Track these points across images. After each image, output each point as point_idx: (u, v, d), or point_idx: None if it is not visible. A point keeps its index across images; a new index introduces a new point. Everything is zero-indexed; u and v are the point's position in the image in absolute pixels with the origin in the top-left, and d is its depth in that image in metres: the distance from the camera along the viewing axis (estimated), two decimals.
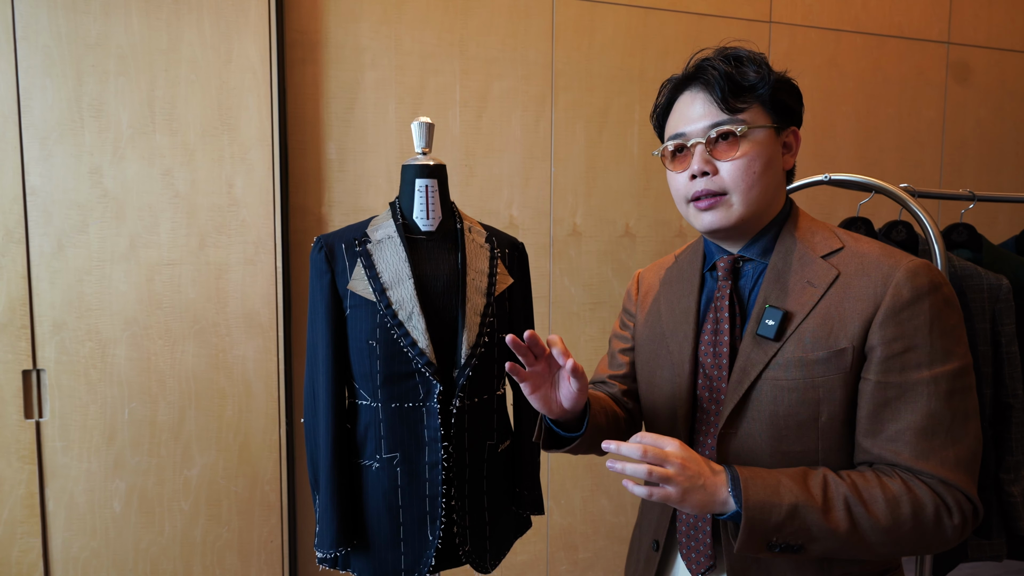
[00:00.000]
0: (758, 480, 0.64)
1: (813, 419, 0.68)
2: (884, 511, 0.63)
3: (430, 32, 1.82)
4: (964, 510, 0.63)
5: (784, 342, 0.70)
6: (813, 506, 0.63)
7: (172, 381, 1.60)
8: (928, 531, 0.63)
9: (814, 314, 0.69)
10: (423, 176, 0.97)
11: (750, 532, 0.63)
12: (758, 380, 0.70)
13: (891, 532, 0.63)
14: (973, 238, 1.40)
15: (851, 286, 0.69)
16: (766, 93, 0.72)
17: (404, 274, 0.92)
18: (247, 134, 1.61)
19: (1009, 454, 1.25)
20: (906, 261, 0.67)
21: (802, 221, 0.77)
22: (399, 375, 0.92)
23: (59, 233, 1.51)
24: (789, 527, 0.63)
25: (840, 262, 0.71)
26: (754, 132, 0.72)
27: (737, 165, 0.72)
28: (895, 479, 0.64)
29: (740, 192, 0.72)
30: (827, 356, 0.68)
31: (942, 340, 0.65)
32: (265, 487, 1.67)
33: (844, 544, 0.63)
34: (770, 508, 0.62)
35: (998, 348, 1.25)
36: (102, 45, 1.51)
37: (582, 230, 1.99)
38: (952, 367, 0.65)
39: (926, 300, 0.65)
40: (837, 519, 0.63)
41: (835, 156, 2.22)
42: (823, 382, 0.68)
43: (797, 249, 0.73)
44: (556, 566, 2.05)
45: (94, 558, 1.57)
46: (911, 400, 0.65)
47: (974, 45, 2.33)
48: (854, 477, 0.65)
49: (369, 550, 0.96)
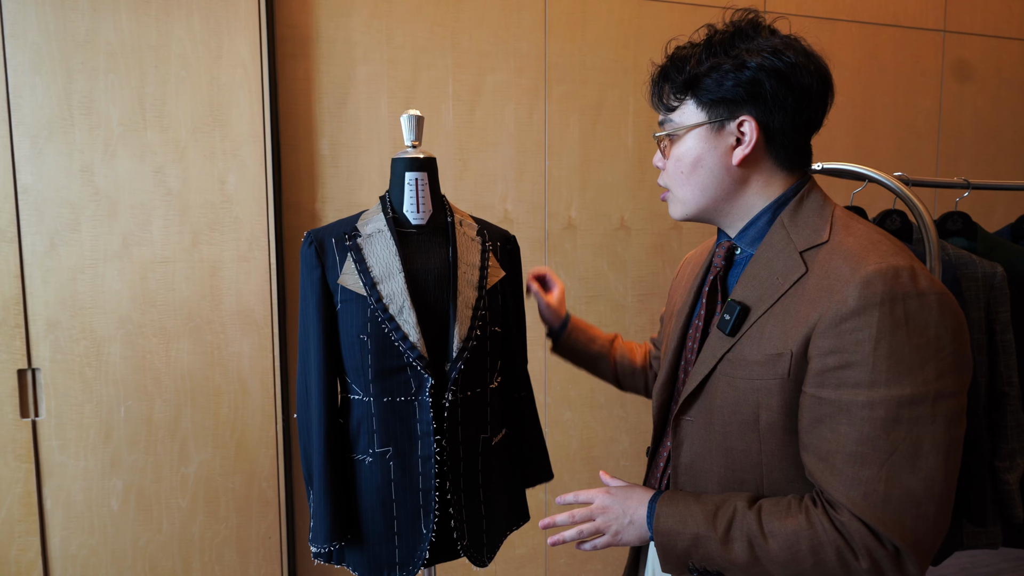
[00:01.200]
0: (671, 507, 0.67)
1: (754, 421, 0.65)
2: (781, 547, 0.60)
3: (422, 26, 1.81)
4: (876, 556, 0.57)
5: (739, 338, 0.67)
6: (713, 537, 0.63)
7: (167, 379, 1.60)
8: (832, 572, 0.59)
9: (771, 312, 0.65)
10: (413, 169, 0.97)
11: (663, 555, 0.67)
12: (712, 373, 0.69)
13: (791, 568, 0.60)
14: (968, 226, 1.40)
15: (809, 287, 0.62)
16: (696, 89, 0.68)
17: (395, 268, 0.92)
18: (239, 130, 1.60)
19: (1004, 442, 1.25)
20: (873, 265, 0.59)
21: (803, 209, 0.69)
22: (391, 369, 0.91)
23: (51, 232, 1.50)
24: (695, 554, 0.65)
25: (814, 258, 0.64)
26: (680, 132, 0.70)
27: (669, 164, 0.73)
28: (801, 514, 0.61)
29: (675, 189, 0.74)
30: (765, 359, 0.64)
31: (889, 360, 0.56)
32: (262, 483, 1.68)
33: (749, 572, 0.63)
34: (675, 536, 0.65)
35: (992, 336, 1.25)
36: (91, 42, 1.50)
37: (577, 224, 1.99)
38: (900, 393, 0.56)
39: (875, 312, 0.56)
40: (736, 551, 0.62)
41: (831, 146, 2.21)
42: (761, 385, 0.64)
43: (781, 241, 0.67)
44: (555, 559, 2.06)
45: (93, 556, 1.58)
46: (845, 421, 0.58)
47: (970, 33, 2.31)
48: (764, 507, 0.63)
49: (363, 544, 0.96)
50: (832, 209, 0.69)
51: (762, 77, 0.66)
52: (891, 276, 0.58)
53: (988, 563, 2.26)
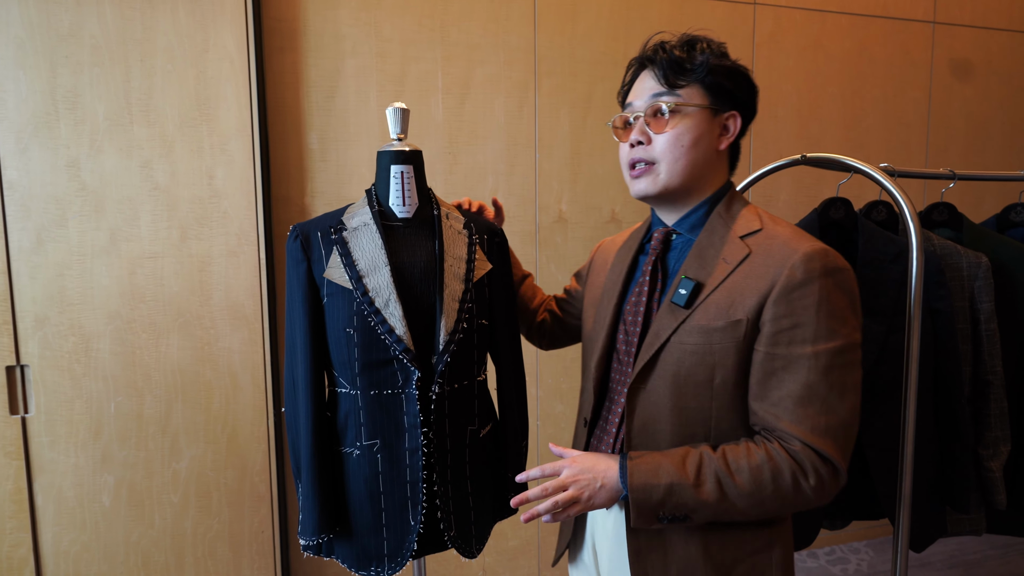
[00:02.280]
0: (642, 465, 0.73)
1: (708, 380, 0.76)
2: (748, 479, 0.71)
3: (410, 18, 1.80)
4: (821, 472, 0.71)
5: (693, 310, 0.77)
6: (686, 483, 0.71)
7: (158, 374, 1.60)
8: (788, 493, 0.71)
9: (721, 287, 0.76)
10: (398, 162, 0.97)
11: (638, 510, 0.72)
12: (667, 343, 0.78)
13: (755, 496, 0.71)
14: (954, 217, 1.40)
15: (756, 264, 0.75)
16: (706, 75, 0.78)
17: (380, 261, 0.92)
18: (226, 124, 1.59)
19: (988, 430, 1.27)
20: (807, 246, 0.73)
21: (734, 203, 0.83)
22: (377, 362, 0.92)
23: (38, 228, 1.49)
24: (669, 503, 0.72)
25: (754, 242, 0.77)
26: (687, 109, 0.78)
27: (667, 137, 0.79)
28: (760, 449, 0.72)
29: (667, 163, 0.80)
30: (725, 325, 0.75)
31: (828, 320, 0.71)
32: (254, 478, 1.68)
33: (717, 511, 0.72)
34: (651, 489, 0.72)
35: (977, 326, 1.26)
36: (75, 36, 1.48)
37: (568, 217, 1.99)
38: (834, 345, 0.71)
39: (816, 283, 0.71)
40: (707, 491, 0.71)
41: (821, 138, 2.22)
42: (719, 348, 0.75)
43: (721, 228, 0.80)
44: (548, 551, 2.08)
45: (85, 552, 1.58)
46: (793, 371, 0.71)
47: (960, 24, 2.32)
48: (727, 450, 0.74)
49: (352, 536, 0.96)
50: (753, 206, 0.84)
51: (746, 84, 0.81)
52: (823, 255, 0.73)
53: (975, 550, 2.29)
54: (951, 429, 1.25)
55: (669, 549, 0.80)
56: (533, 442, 2.02)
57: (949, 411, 1.24)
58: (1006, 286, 1.29)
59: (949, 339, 1.22)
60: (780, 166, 1.28)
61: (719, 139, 0.81)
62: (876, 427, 1.24)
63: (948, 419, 1.24)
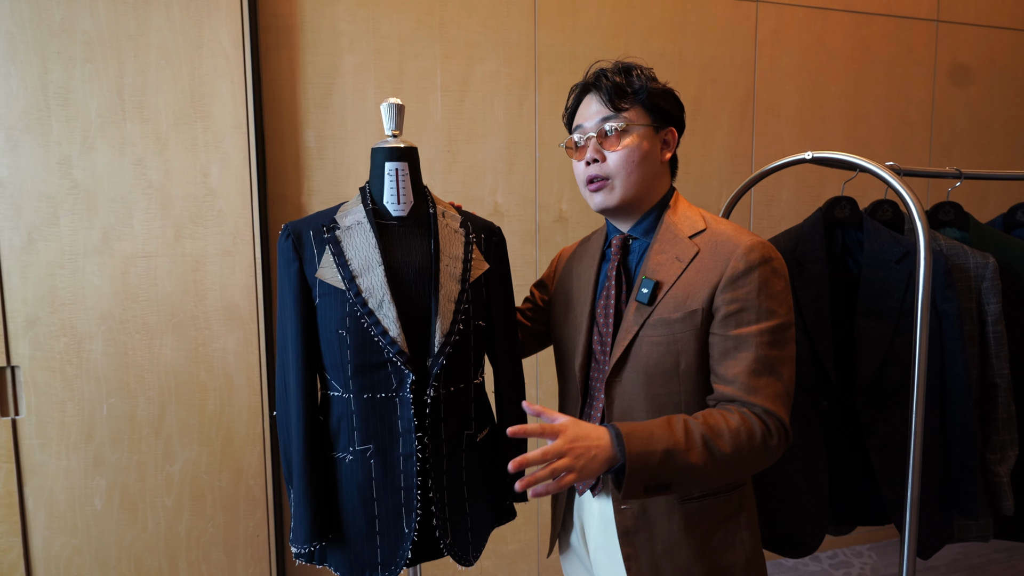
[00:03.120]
0: (635, 434, 0.76)
1: (675, 367, 0.85)
2: (729, 441, 0.77)
3: (409, 15, 1.78)
4: (778, 433, 0.80)
5: (655, 306, 0.86)
6: (680, 448, 0.76)
7: (151, 376, 1.57)
8: (759, 452, 0.79)
9: (678, 284, 0.86)
10: (392, 159, 0.94)
11: (632, 478, 0.75)
12: (636, 337, 0.87)
13: (735, 457, 0.78)
14: (960, 217, 1.38)
15: (705, 260, 0.85)
16: (645, 98, 0.89)
17: (374, 261, 0.90)
18: (221, 121, 1.57)
19: (995, 434, 1.24)
20: (747, 240, 0.84)
21: (679, 207, 0.93)
22: (370, 365, 0.89)
23: (29, 226, 1.47)
24: (665, 468, 0.75)
25: (701, 241, 0.87)
26: (634, 128, 0.89)
27: (620, 155, 0.89)
28: (734, 414, 0.79)
29: (621, 177, 0.89)
30: (683, 316, 0.84)
31: (768, 302, 0.82)
32: (249, 481, 1.65)
33: (702, 474, 0.77)
34: (648, 456, 0.75)
35: (984, 328, 1.23)
36: (67, 31, 1.46)
37: (568, 216, 1.97)
38: (774, 323, 0.82)
39: (756, 271, 0.82)
40: (697, 455, 0.76)
41: (824, 137, 2.19)
42: (681, 337, 0.84)
43: (671, 230, 0.90)
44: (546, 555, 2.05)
45: (76, 556, 1.55)
46: (744, 349, 0.81)
47: (964, 23, 2.29)
48: (705, 416, 0.79)
49: (345, 544, 0.94)
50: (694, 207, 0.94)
51: (677, 103, 0.94)
52: (761, 247, 0.84)
53: (980, 554, 2.26)
54: (958, 433, 1.22)
55: (654, 527, 0.88)
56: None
57: (956, 415, 1.21)
58: (1013, 287, 1.27)
59: (956, 341, 1.19)
60: (786, 164, 1.26)
61: (662, 152, 0.92)
62: (882, 431, 1.21)
63: (955, 423, 1.22)
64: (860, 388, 1.22)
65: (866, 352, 1.21)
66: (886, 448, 1.21)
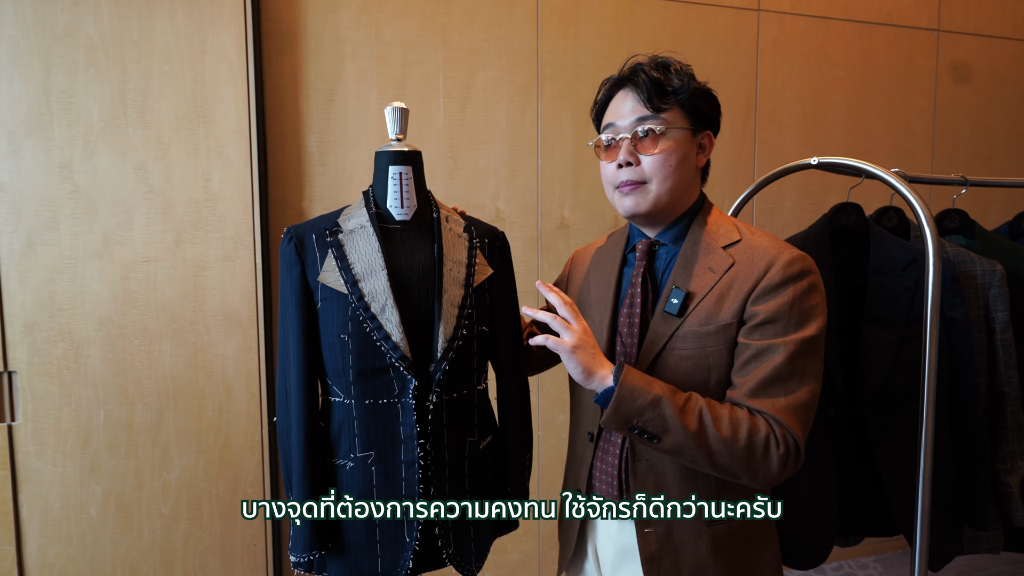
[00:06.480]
0: (637, 374, 0.78)
1: (705, 383, 0.82)
2: (727, 426, 0.76)
3: (411, 21, 1.78)
4: (788, 444, 0.77)
5: (685, 318, 0.82)
6: (673, 403, 0.76)
7: (149, 382, 1.56)
8: (757, 453, 0.76)
9: (710, 295, 0.82)
10: (396, 163, 0.93)
11: (617, 407, 0.75)
12: (663, 349, 0.83)
13: (729, 444, 0.75)
14: (966, 224, 1.37)
15: (740, 272, 0.82)
16: (686, 98, 0.84)
17: (377, 265, 0.88)
18: (223, 127, 1.57)
19: (1004, 444, 1.22)
20: (787, 253, 0.81)
21: (711, 215, 0.89)
22: (372, 370, 0.88)
23: (29, 230, 1.46)
24: (649, 413, 0.75)
25: (736, 252, 0.84)
26: (672, 131, 0.84)
27: (657, 159, 0.84)
28: (743, 411, 0.78)
29: (657, 182, 0.84)
30: (716, 329, 0.81)
31: (800, 315, 0.79)
32: (248, 489, 1.63)
33: (689, 442, 0.75)
34: (639, 392, 0.76)
35: (992, 336, 1.22)
36: (71, 36, 1.46)
37: (570, 223, 1.96)
38: (801, 335, 0.78)
39: (791, 285, 0.79)
40: (689, 420, 0.76)
41: (826, 145, 2.19)
42: (713, 351, 0.81)
43: (703, 239, 0.86)
44: (548, 564, 2.02)
45: (71, 565, 1.53)
46: (765, 358, 0.78)
47: (965, 32, 2.30)
48: (712, 402, 0.78)
49: (345, 553, 0.92)
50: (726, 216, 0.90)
51: (717, 106, 0.89)
52: (800, 260, 0.80)
53: (986, 566, 2.23)
54: (967, 443, 1.20)
55: (680, 551, 0.84)
56: (538, 456, 1.97)
57: (965, 424, 1.20)
58: (1021, 294, 1.26)
59: (965, 349, 1.18)
60: (791, 169, 1.25)
61: (697, 157, 0.88)
62: (890, 440, 1.20)
63: (964, 432, 1.20)
64: (867, 396, 1.21)
65: (873, 360, 1.20)
66: (894, 457, 1.19)
